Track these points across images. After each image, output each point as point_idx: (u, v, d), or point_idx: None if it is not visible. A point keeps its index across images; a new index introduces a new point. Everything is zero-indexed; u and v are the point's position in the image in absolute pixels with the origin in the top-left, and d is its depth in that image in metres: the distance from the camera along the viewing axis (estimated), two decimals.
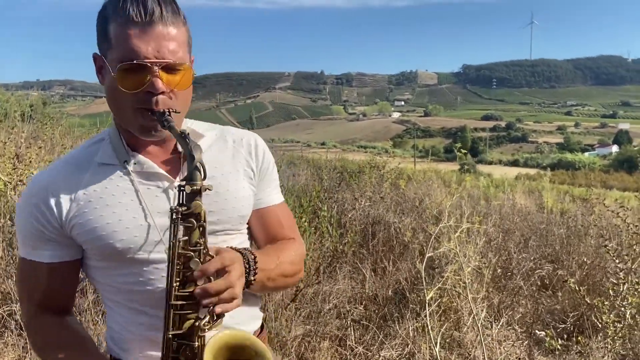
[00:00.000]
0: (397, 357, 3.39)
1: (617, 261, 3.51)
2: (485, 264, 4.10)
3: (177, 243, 0.98)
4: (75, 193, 1.11)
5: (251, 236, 1.30)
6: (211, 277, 0.99)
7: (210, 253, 1.01)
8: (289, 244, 1.27)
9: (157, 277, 1.11)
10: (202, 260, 0.99)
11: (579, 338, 3.33)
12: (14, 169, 4.35)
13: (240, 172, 1.22)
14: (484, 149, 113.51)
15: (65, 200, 1.10)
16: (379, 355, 3.34)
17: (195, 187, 0.97)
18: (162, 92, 1.03)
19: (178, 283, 0.99)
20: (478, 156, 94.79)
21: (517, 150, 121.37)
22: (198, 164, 0.97)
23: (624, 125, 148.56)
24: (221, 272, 1.00)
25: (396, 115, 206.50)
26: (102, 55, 1.07)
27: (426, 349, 3.24)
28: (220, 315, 0.99)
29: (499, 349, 3.39)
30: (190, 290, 0.98)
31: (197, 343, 0.98)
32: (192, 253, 0.98)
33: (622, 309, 3.35)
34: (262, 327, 1.35)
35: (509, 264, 4.82)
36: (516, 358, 3.39)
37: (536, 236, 5.83)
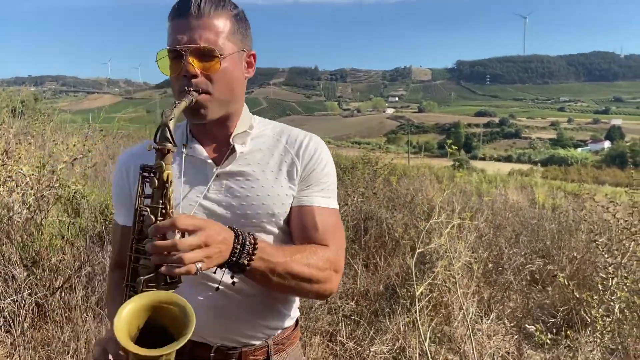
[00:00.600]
0: (388, 352, 3.40)
1: (606, 256, 3.53)
2: (475, 259, 4.11)
3: (141, 199, 1.05)
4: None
5: (290, 238, 1.28)
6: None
7: (171, 215, 1.02)
8: (315, 248, 1.21)
9: None
10: (160, 219, 1.00)
11: (568, 332, 3.34)
12: (3, 164, 4.31)
13: (283, 171, 1.26)
14: (478, 145, 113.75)
15: (134, 171, 1.23)
16: (370, 351, 3.35)
17: (157, 147, 1.01)
18: (195, 76, 1.13)
19: (137, 237, 1.04)
20: (472, 152, 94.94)
21: (510, 146, 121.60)
22: (164, 128, 1.02)
23: (617, 121, 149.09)
24: None
25: (390, 111, 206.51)
26: None
27: (416, 343, 3.25)
28: (175, 281, 1.00)
29: (489, 343, 3.41)
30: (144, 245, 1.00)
31: None
32: (148, 210, 1.01)
33: (611, 303, 3.36)
34: (296, 322, 1.40)
35: (499, 259, 4.84)
36: (506, 352, 3.41)
37: (527, 231, 5.86)
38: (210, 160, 1.24)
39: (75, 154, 4.86)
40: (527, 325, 3.69)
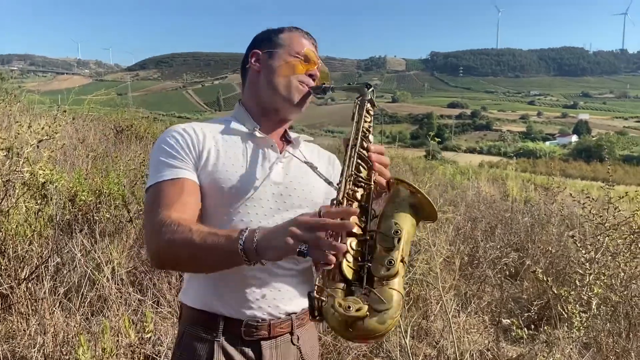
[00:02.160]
0: (366, 346, 3.36)
1: (583, 252, 3.55)
2: (453, 252, 4.10)
3: (350, 179, 1.23)
4: (215, 141, 1.46)
5: None
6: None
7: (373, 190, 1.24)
8: None
9: (250, 213, 1.39)
10: (367, 193, 1.23)
11: (545, 327, 3.36)
12: None
13: (329, 173, 1.58)
14: (449, 136, 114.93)
15: (209, 141, 1.45)
16: (347, 345, 3.31)
17: (367, 105, 1.37)
18: (315, 80, 1.53)
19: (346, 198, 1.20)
20: (443, 143, 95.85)
21: (481, 138, 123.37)
22: (370, 91, 1.40)
23: (584, 116, 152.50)
24: None
25: None
26: (265, 52, 1.54)
27: (395, 339, 3.23)
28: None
29: (467, 337, 3.40)
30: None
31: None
32: (357, 173, 1.23)
33: (587, 298, 3.39)
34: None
35: (475, 252, 4.85)
36: (485, 348, 3.41)
37: (502, 224, 5.90)
38: (276, 145, 1.50)
39: (42, 136, 4.64)
40: (502, 320, 3.70)
